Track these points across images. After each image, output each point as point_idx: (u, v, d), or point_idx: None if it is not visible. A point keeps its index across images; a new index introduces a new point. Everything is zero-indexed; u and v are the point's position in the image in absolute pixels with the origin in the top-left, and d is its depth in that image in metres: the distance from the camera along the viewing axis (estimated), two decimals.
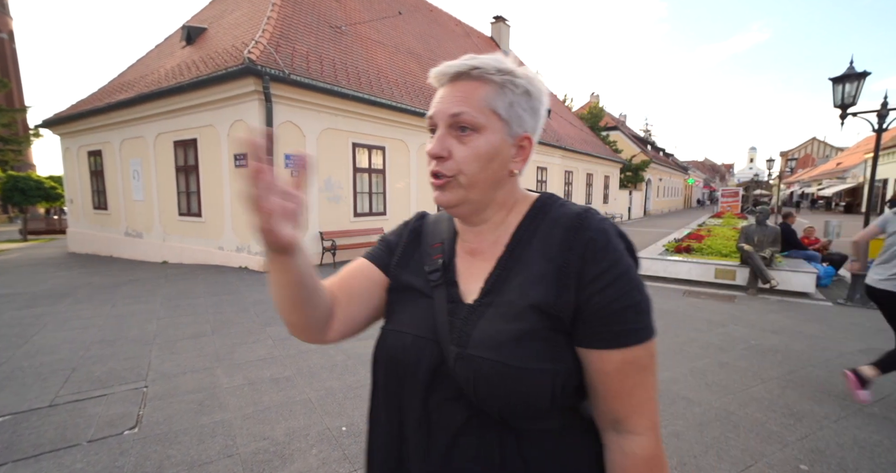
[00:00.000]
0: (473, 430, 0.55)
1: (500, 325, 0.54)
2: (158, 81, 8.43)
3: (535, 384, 0.52)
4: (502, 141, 0.58)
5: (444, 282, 0.62)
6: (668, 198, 37.05)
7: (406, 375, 0.59)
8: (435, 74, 0.60)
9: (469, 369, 0.53)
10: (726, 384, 2.91)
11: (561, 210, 0.60)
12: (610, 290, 0.52)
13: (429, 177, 0.61)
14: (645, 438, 0.55)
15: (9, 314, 4.68)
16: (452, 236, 0.67)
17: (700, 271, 6.41)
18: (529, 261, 0.57)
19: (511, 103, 0.58)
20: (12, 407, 2.54)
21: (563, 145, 15.90)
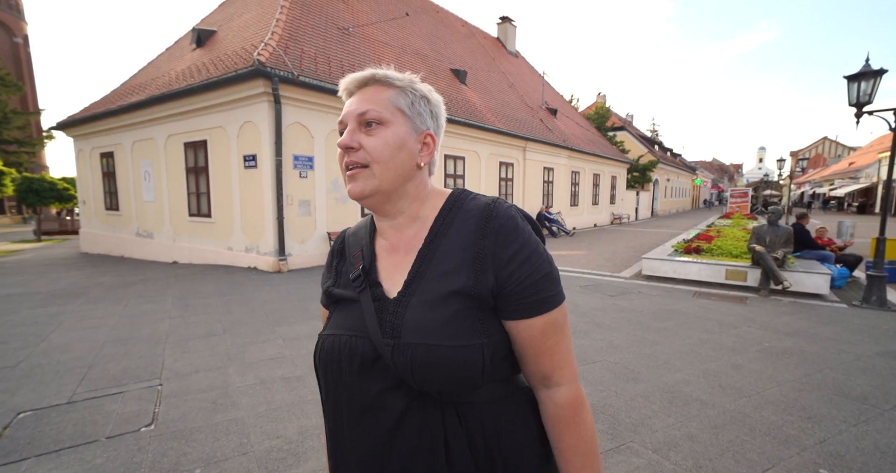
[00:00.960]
0: (416, 411, 0.59)
1: (426, 312, 0.59)
2: (169, 83, 8.53)
3: (466, 359, 0.57)
4: (407, 133, 0.63)
5: (367, 285, 0.65)
6: (675, 198, 36.75)
7: (342, 372, 0.62)
8: (344, 84, 0.66)
9: (406, 357, 0.57)
10: (740, 386, 2.88)
11: (472, 202, 0.65)
12: (525, 266, 0.59)
13: (342, 173, 0.65)
14: (569, 387, 0.63)
15: (25, 312, 4.76)
16: (371, 239, 0.71)
17: (710, 272, 6.35)
18: (447, 251, 0.62)
19: (413, 102, 0.64)
20: (33, 404, 2.58)
21: (569, 145, 15.85)
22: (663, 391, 2.81)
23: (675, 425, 2.38)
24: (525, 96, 16.60)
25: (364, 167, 0.62)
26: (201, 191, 8.31)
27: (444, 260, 0.62)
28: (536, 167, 14.52)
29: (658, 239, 12.86)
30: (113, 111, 9.39)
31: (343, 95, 0.68)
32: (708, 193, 55.59)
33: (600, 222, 19.65)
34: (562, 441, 0.63)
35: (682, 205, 39.22)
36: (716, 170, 74.44)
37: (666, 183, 32.25)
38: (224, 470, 1.97)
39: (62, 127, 11.27)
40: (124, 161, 9.97)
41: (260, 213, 7.25)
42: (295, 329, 4.07)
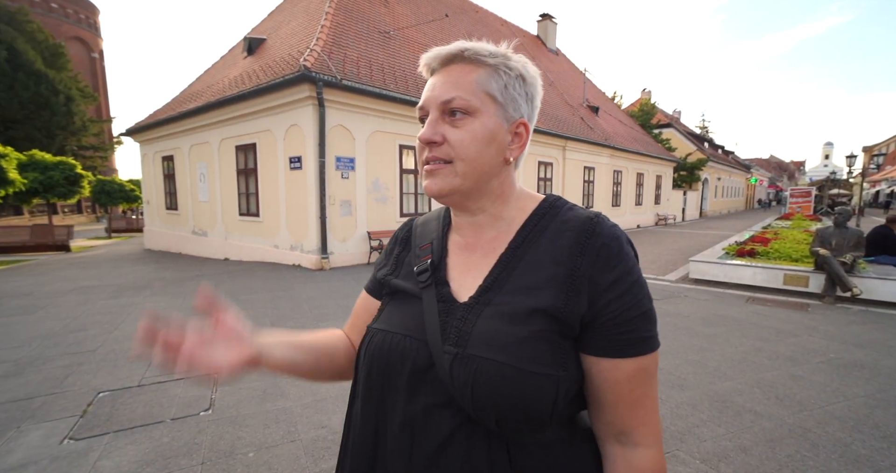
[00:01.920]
0: (462, 440, 0.51)
1: (502, 326, 0.51)
2: (223, 90, 9.08)
3: (538, 389, 0.49)
4: (498, 125, 0.55)
5: (433, 282, 0.59)
6: (727, 198, 34.60)
7: (391, 375, 0.56)
8: (426, 60, 0.58)
9: (468, 370, 0.50)
10: (801, 399, 2.68)
11: (570, 212, 0.58)
12: (625, 298, 0.51)
13: (419, 167, 0.58)
14: (653, 450, 0.54)
15: (101, 302, 5.25)
16: (443, 233, 0.65)
17: (766, 276, 5.94)
18: (536, 262, 0.55)
19: (506, 86, 0.55)
20: (110, 385, 2.86)
21: (611, 144, 15.34)
22: (712, 399, 2.67)
23: (725, 436, 2.26)
24: (565, 94, 16.24)
25: (446, 163, 0.55)
26: (250, 192, 8.80)
27: (529, 271, 0.54)
28: (576, 166, 14.17)
29: (706, 241, 12.17)
30: (173, 117, 10.13)
31: (424, 72, 0.60)
32: (764, 193, 51.88)
33: (644, 223, 18.87)
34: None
35: (734, 206, 36.85)
36: (773, 169, 69.31)
37: (716, 182, 30.43)
38: (274, 456, 2.08)
39: (130, 133, 12.30)
40: (182, 164, 10.73)
41: (304, 213, 7.57)
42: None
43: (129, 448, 2.12)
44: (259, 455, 2.09)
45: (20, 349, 3.59)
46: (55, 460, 2.04)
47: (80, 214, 29.54)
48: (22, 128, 19.53)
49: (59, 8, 33.79)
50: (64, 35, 32.27)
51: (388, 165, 8.40)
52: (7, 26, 19.77)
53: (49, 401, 2.63)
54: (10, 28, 19.80)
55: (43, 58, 21.57)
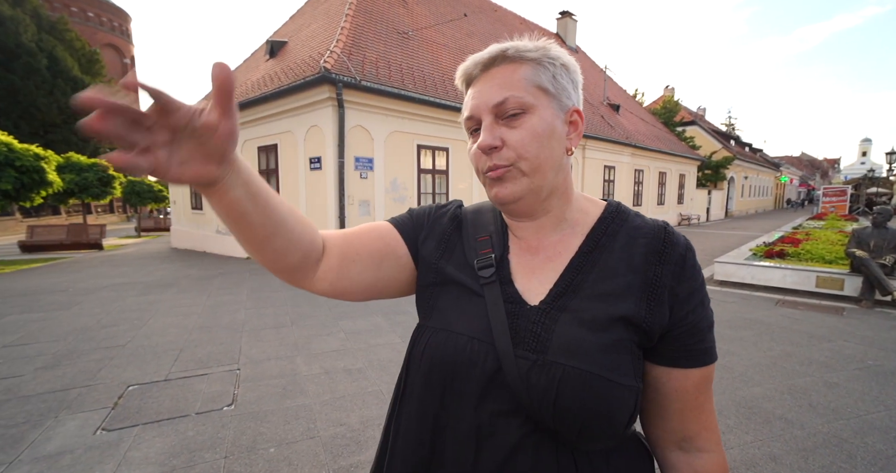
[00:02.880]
0: (529, 448, 0.50)
1: (582, 333, 0.50)
2: (246, 92, 9.30)
3: (622, 399, 0.48)
4: (555, 116, 0.54)
5: (497, 280, 0.56)
6: (754, 197, 33.41)
7: (455, 379, 0.53)
8: (464, 70, 0.56)
9: (549, 378, 0.48)
10: (836, 407, 2.56)
11: (640, 220, 0.58)
12: (700, 310, 0.52)
13: (480, 177, 0.56)
14: (717, 455, 0.55)
15: (131, 299, 5.45)
16: (502, 229, 0.61)
17: (797, 278, 5.70)
18: (611, 269, 0.53)
19: (554, 76, 0.54)
20: (138, 379, 2.97)
21: (632, 142, 15.01)
22: (739, 405, 2.58)
23: (753, 443, 2.18)
24: (585, 93, 15.85)
25: (507, 167, 0.53)
26: None
27: (605, 277, 0.53)
28: (596, 166, 13.92)
29: (732, 241, 11.78)
30: None
31: (461, 84, 0.58)
32: (795, 192, 49.86)
33: None
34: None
35: (762, 205, 35.56)
36: (805, 167, 66.53)
37: (743, 180, 29.42)
38: (294, 452, 2.12)
39: None
40: None
41: (323, 213, 7.68)
42: (356, 323, 4.27)
43: (157, 441, 2.20)
44: (279, 450, 2.13)
45: (57, 343, 3.76)
46: (89, 449, 2.13)
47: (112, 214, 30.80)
48: (60, 131, 20.51)
49: (95, 16, 35.34)
50: (99, 42, 33.73)
51: (406, 165, 8.44)
52: (48, 35, 20.80)
53: (83, 393, 2.75)
54: (50, 37, 20.82)
55: (80, 64, 22.60)
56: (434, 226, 0.64)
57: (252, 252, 0.52)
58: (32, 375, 3.04)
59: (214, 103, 0.38)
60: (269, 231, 0.49)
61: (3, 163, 7.48)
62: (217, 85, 0.36)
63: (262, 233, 0.49)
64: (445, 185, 9.23)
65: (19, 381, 2.93)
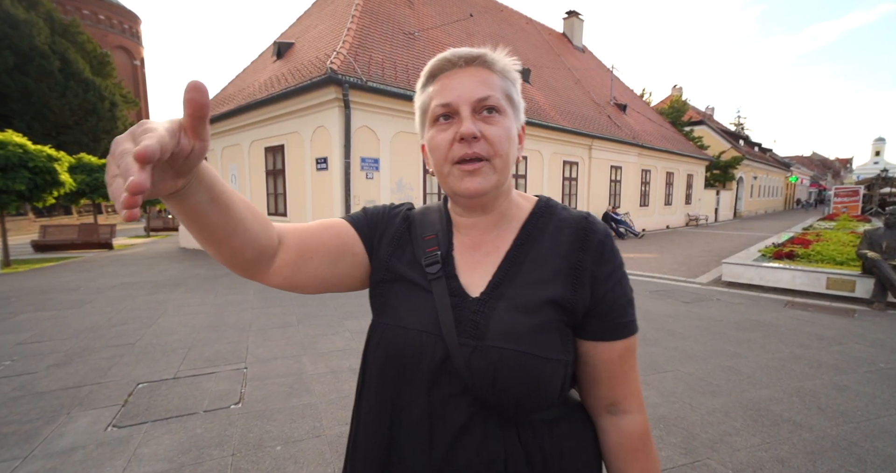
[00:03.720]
0: (477, 425, 0.55)
1: (516, 318, 0.55)
2: (253, 94, 9.39)
3: (552, 373, 0.54)
4: (514, 125, 0.59)
5: (443, 276, 0.60)
6: (764, 197, 33.01)
7: (407, 371, 0.57)
8: (445, 59, 0.59)
9: (488, 361, 0.53)
10: (846, 410, 2.53)
11: (565, 212, 0.64)
12: (618, 288, 0.59)
13: (445, 167, 0.57)
14: (639, 416, 0.62)
15: (140, 298, 5.53)
16: (447, 228, 0.65)
17: (807, 280, 5.63)
18: (541, 258, 0.59)
19: (516, 91, 0.61)
20: (148, 377, 3.01)
21: (639, 142, 14.91)
22: (746, 407, 2.56)
23: (760, 446, 2.16)
24: (592, 92, 15.92)
25: (484, 160, 0.56)
26: (279, 192, 9.05)
27: (537, 266, 0.59)
28: (603, 166, 13.85)
29: (741, 242, 11.66)
30: None
31: (429, 74, 0.61)
32: (805, 192, 49.16)
33: (673, 224, 18.25)
34: (631, 470, 0.61)
35: (771, 206, 35.12)
36: (816, 167, 65.55)
37: (752, 181, 29.09)
38: (300, 450, 2.14)
39: None
40: (215, 165, 11.15)
41: (329, 213, 7.72)
42: (361, 323, 4.30)
43: (166, 438, 2.23)
44: (286, 448, 2.15)
45: (69, 340, 3.83)
46: (100, 446, 2.17)
47: None
48: (72, 133, 20.82)
49: (106, 19, 35.83)
50: (109, 44, 34.20)
51: (412, 166, 8.46)
52: (61, 38, 21.13)
53: (95, 390, 2.80)
54: (63, 39, 21.15)
55: (91, 66, 22.93)
56: (388, 225, 0.67)
57: (209, 249, 0.53)
58: (46, 372, 3.09)
59: (188, 127, 0.37)
60: (228, 231, 0.50)
61: (17, 164, 7.62)
62: (191, 109, 0.36)
63: (221, 234, 0.50)
64: None
65: (33, 378, 2.99)
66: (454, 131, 0.56)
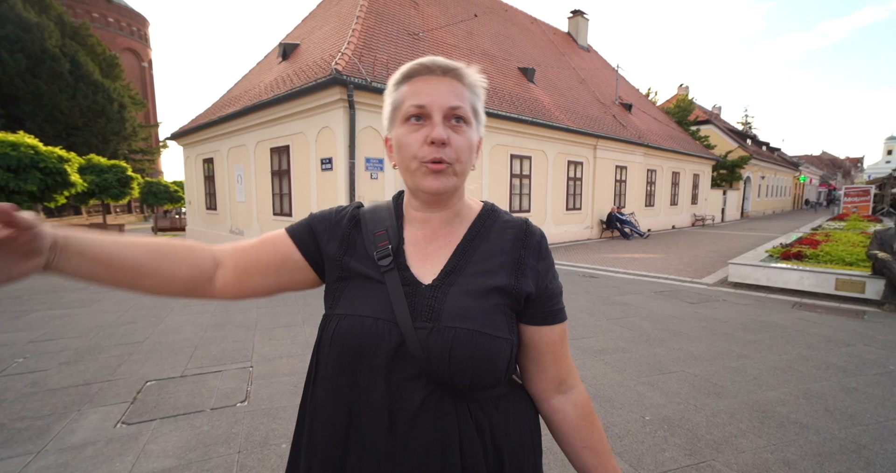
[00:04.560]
0: (433, 404, 0.59)
1: (468, 301, 0.61)
2: (259, 95, 9.46)
3: (501, 351, 0.60)
4: (475, 138, 0.65)
5: (395, 267, 0.64)
6: (772, 197, 32.66)
7: (363, 358, 0.60)
8: (420, 65, 0.63)
9: (444, 340, 0.58)
10: (854, 412, 2.50)
11: (507, 216, 0.72)
12: (554, 281, 0.69)
13: (412, 163, 0.62)
14: (581, 386, 0.71)
15: (148, 298, 5.59)
16: (397, 223, 0.70)
17: (815, 281, 5.57)
18: (488, 252, 0.66)
19: (480, 105, 0.67)
20: (156, 375, 3.05)
21: (644, 142, 14.82)
22: (752, 409, 2.54)
23: (766, 447, 2.15)
24: (597, 92, 15.85)
25: (447, 164, 0.61)
26: (284, 192, 9.11)
27: (484, 259, 0.66)
28: (608, 166, 13.79)
29: (748, 242, 11.55)
30: (214, 121, 10.64)
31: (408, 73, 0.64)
32: (815, 192, 48.58)
33: (679, 224, 18.12)
34: (591, 435, 0.68)
35: (779, 206, 34.75)
36: (825, 166, 64.76)
37: (760, 180, 28.79)
38: None
39: (174, 137, 13.02)
40: (222, 166, 11.25)
41: None
42: None
43: (174, 435, 2.26)
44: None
45: (79, 338, 3.88)
46: (110, 442, 2.20)
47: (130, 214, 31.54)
48: (81, 134, 21.07)
49: (115, 22, 36.22)
50: (118, 46, 34.57)
51: None
52: (71, 41, 21.39)
53: (104, 388, 2.84)
54: (73, 42, 21.41)
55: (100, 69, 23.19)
56: (335, 228, 0.71)
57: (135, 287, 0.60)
58: (57, 369, 3.15)
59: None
60: (129, 279, 0.57)
61: (28, 165, 7.74)
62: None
63: (123, 282, 0.57)
64: None
65: (45, 375, 3.04)
66: (425, 134, 0.61)
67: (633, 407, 2.57)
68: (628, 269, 7.65)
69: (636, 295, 5.71)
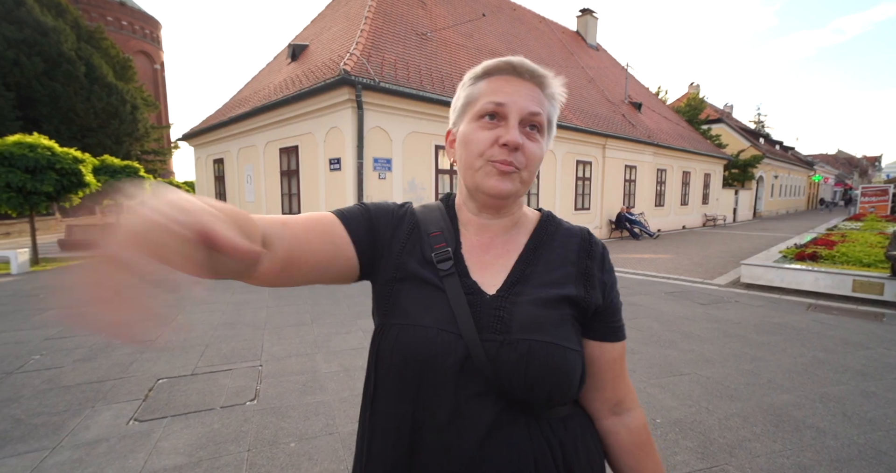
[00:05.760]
0: (504, 423, 0.55)
1: (539, 311, 0.57)
2: (268, 96, 9.54)
3: (575, 363, 0.57)
4: (545, 148, 0.63)
5: (456, 273, 0.60)
6: (785, 197, 32.12)
7: (431, 371, 0.55)
8: (518, 62, 0.59)
9: (519, 353, 0.54)
10: (873, 417, 2.44)
11: (568, 224, 0.70)
12: (617, 295, 0.66)
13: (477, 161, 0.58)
14: (639, 410, 0.68)
15: (161, 296, 5.67)
16: (452, 226, 0.65)
17: (831, 282, 5.45)
18: (553, 262, 0.63)
19: (555, 118, 0.64)
20: (168, 373, 3.09)
21: (654, 141, 14.66)
22: (767, 412, 2.49)
23: (782, 452, 2.10)
24: (606, 91, 15.71)
25: (516, 169, 0.58)
26: (293, 192, 9.18)
27: (549, 270, 0.62)
28: (617, 165, 13.66)
29: (760, 243, 11.37)
30: (224, 122, 10.76)
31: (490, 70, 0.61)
32: (830, 191, 47.63)
33: (690, 224, 17.89)
34: (643, 465, 0.65)
35: (793, 206, 34.15)
36: (841, 165, 63.44)
37: (773, 180, 28.32)
38: (314, 447, 2.17)
39: (186, 138, 13.20)
40: (232, 166, 11.38)
41: None
42: (373, 322, 4.33)
43: (185, 432, 2.28)
44: (300, 445, 2.18)
45: (93, 336, 3.94)
46: (123, 439, 2.23)
47: None
48: (95, 135, 21.46)
49: (129, 25, 36.86)
50: (131, 49, 35.17)
51: (424, 166, 8.49)
52: (86, 44, 21.80)
53: (117, 385, 2.88)
54: (88, 45, 21.82)
55: (114, 71, 23.60)
56: (400, 223, 0.65)
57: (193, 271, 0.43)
58: (72, 367, 3.20)
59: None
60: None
61: (45, 166, 7.89)
62: None
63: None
64: None
65: (60, 372, 3.10)
66: (497, 134, 0.57)
67: (643, 410, 2.54)
68: (638, 270, 7.57)
69: (646, 295, 5.65)
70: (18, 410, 2.53)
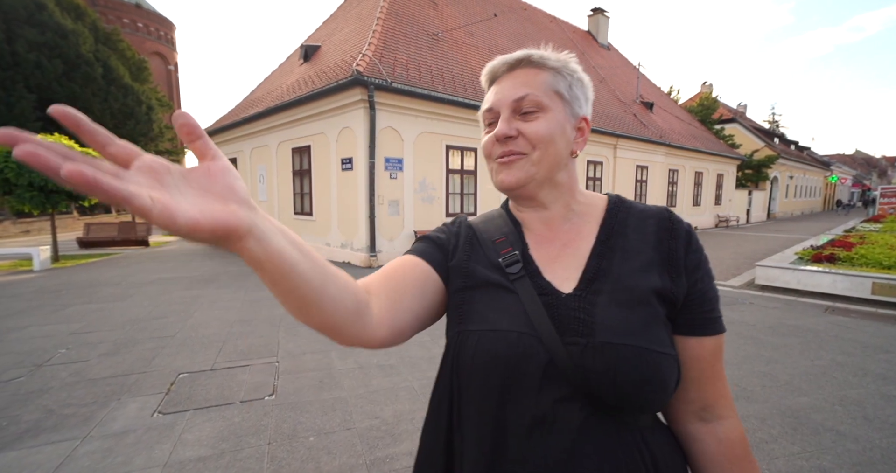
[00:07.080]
0: (591, 430, 0.51)
1: (622, 312, 0.53)
2: (281, 96, 9.66)
3: (670, 369, 0.52)
4: (566, 119, 0.59)
5: (526, 274, 0.58)
6: (801, 198, 31.55)
7: (514, 376, 0.53)
8: (490, 68, 0.62)
9: (605, 359, 0.50)
10: (895, 421, 2.41)
11: (642, 206, 0.63)
12: (707, 279, 0.57)
13: (490, 164, 0.61)
14: (735, 420, 0.58)
15: (177, 294, 5.78)
16: (515, 229, 0.64)
17: (850, 285, 5.36)
18: (631, 250, 0.58)
19: (570, 85, 0.60)
20: (188, 368, 3.17)
21: (666, 141, 14.52)
22: (784, 415, 2.47)
23: (801, 454, 2.09)
24: (617, 90, 15.60)
25: (522, 154, 0.58)
26: (305, 192, 9.28)
27: (628, 258, 0.57)
28: (628, 165, 13.56)
29: (775, 244, 11.19)
30: (237, 122, 10.92)
31: (486, 80, 0.64)
32: (847, 192, 46.67)
33: (703, 225, 17.67)
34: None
35: (809, 207, 33.53)
36: (859, 165, 62.08)
37: (788, 180, 27.85)
38: (332, 441, 2.21)
39: None
40: (244, 166, 11.53)
41: (354, 212, 7.87)
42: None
43: (207, 425, 2.34)
44: (318, 439, 2.23)
45: (115, 331, 4.05)
46: (148, 430, 2.30)
47: None
48: None
49: (144, 27, 37.57)
50: (146, 51, 35.83)
51: (435, 166, 8.52)
52: (104, 46, 22.28)
53: (141, 379, 2.96)
54: (105, 47, 22.29)
55: (130, 72, 24.07)
56: (457, 237, 0.66)
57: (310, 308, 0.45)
58: (97, 360, 3.29)
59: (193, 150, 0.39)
60: (320, 276, 0.44)
61: None
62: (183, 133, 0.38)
63: (317, 282, 0.43)
64: (473, 186, 9.25)
65: (86, 366, 3.19)
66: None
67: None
68: None
69: None
70: (49, 401, 2.62)
